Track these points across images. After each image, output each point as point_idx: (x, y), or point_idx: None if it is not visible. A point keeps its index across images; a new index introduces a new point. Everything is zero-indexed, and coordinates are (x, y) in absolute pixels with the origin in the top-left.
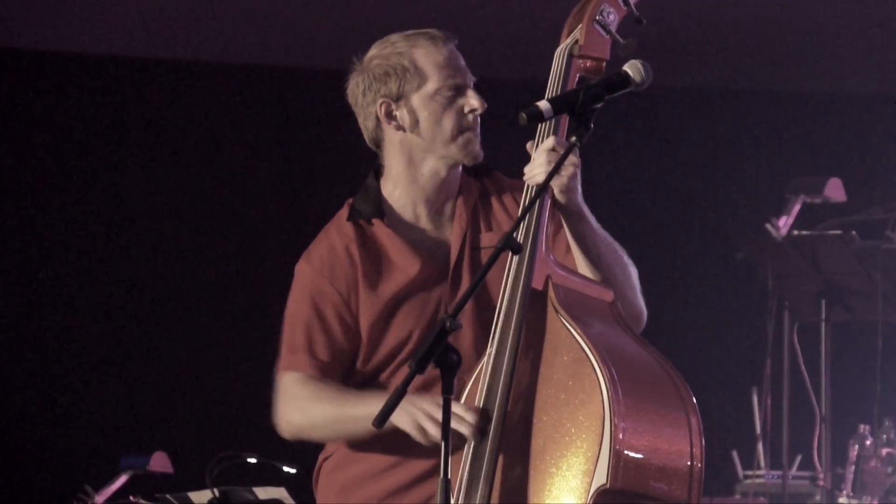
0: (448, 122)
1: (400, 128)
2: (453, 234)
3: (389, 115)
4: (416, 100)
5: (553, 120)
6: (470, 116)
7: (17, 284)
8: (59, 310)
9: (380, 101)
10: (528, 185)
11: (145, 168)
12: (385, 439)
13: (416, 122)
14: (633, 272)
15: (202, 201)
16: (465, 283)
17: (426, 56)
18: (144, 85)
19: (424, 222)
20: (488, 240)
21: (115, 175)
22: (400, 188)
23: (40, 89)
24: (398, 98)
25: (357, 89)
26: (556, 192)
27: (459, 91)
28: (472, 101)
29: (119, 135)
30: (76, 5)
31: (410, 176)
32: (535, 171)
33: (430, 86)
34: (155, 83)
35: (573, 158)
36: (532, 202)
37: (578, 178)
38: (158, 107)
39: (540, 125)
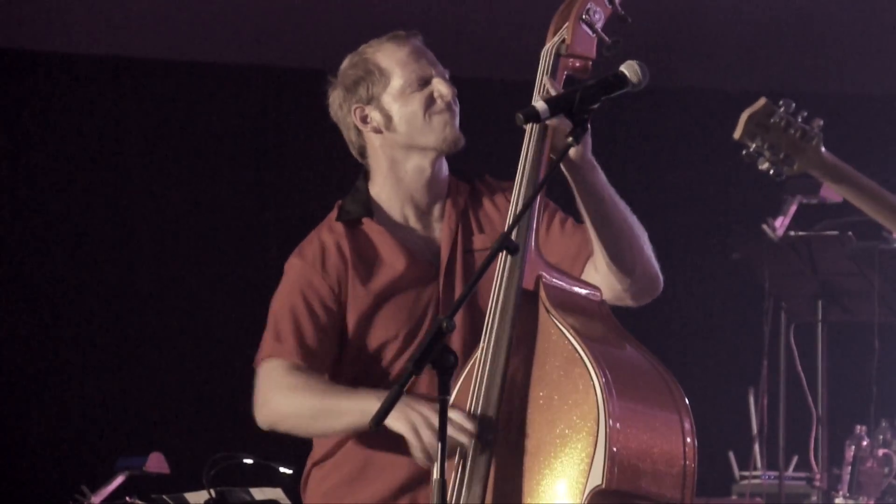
0: (419, 113)
1: (377, 130)
2: (442, 235)
3: (364, 120)
4: (387, 99)
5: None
6: (440, 102)
7: (14, 284)
8: (57, 310)
9: (354, 108)
10: (518, 182)
11: (144, 168)
12: (375, 443)
13: (389, 121)
14: (645, 235)
15: (201, 201)
16: (458, 285)
17: (388, 56)
18: (144, 85)
19: (413, 222)
20: (481, 242)
21: (115, 175)
22: (386, 190)
23: (40, 89)
24: (369, 101)
25: (335, 104)
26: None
27: (425, 82)
28: (440, 87)
29: (119, 135)
30: (76, 5)
31: (395, 177)
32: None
33: (396, 82)
34: (155, 83)
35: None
36: (529, 201)
37: (589, 133)
38: (158, 107)
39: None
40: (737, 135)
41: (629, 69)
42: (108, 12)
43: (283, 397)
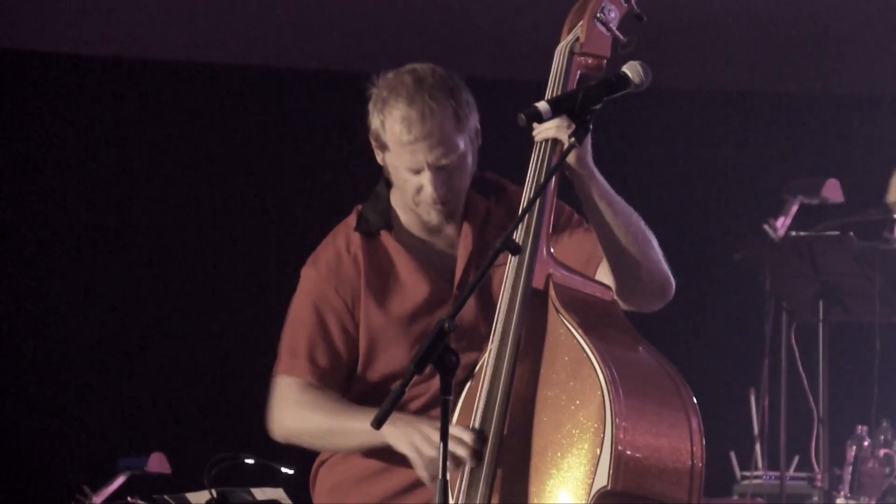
0: (408, 193)
1: (383, 165)
2: (459, 255)
3: (375, 150)
4: (387, 157)
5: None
6: (424, 195)
7: (15, 284)
8: (58, 310)
9: (373, 143)
10: (527, 189)
11: (145, 168)
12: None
13: (389, 172)
14: (654, 238)
15: (202, 202)
16: (470, 303)
17: (392, 131)
18: (144, 85)
19: (431, 238)
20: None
21: (115, 175)
22: (402, 207)
23: (40, 89)
24: (376, 142)
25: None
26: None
27: (417, 172)
28: (426, 187)
29: (119, 135)
30: (76, 5)
31: (406, 205)
32: (545, 126)
33: (391, 159)
34: (155, 83)
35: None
36: (531, 202)
37: (588, 138)
38: (158, 107)
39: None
40: (893, 198)
41: (631, 70)
42: (109, 12)
43: (293, 415)
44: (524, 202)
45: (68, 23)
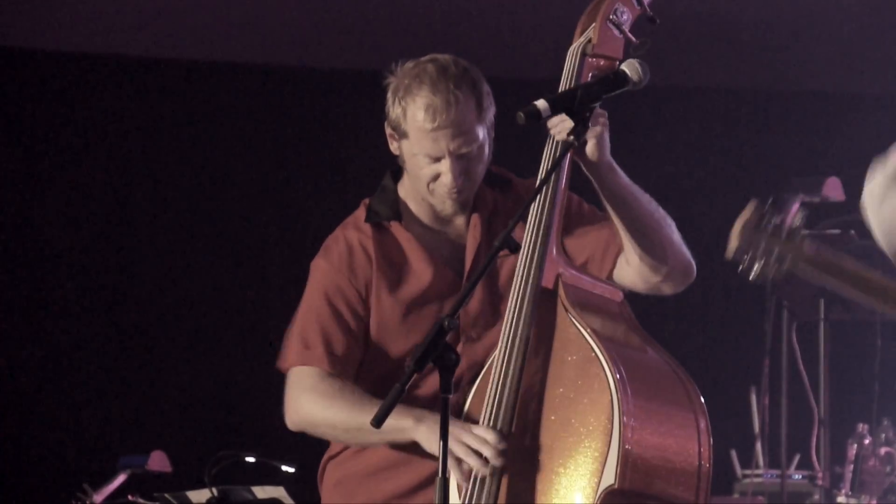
0: (423, 180)
1: (400, 158)
2: (468, 246)
3: (391, 139)
4: (404, 146)
5: None
6: (442, 183)
7: (15, 284)
8: (59, 309)
9: (388, 131)
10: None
11: (145, 168)
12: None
13: (405, 161)
14: (672, 225)
15: (202, 201)
16: (478, 295)
17: (413, 118)
18: (144, 85)
19: (441, 229)
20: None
21: (115, 175)
22: (413, 196)
23: (40, 89)
24: (399, 135)
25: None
26: (589, 145)
27: (436, 160)
28: (444, 175)
29: (119, 135)
30: (76, 5)
31: (419, 194)
32: (562, 124)
33: (410, 146)
34: (155, 83)
35: (603, 115)
36: (533, 196)
37: (607, 133)
38: (158, 107)
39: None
40: (730, 252)
41: (630, 67)
42: (109, 12)
43: (314, 404)
44: (534, 201)
45: (68, 22)
